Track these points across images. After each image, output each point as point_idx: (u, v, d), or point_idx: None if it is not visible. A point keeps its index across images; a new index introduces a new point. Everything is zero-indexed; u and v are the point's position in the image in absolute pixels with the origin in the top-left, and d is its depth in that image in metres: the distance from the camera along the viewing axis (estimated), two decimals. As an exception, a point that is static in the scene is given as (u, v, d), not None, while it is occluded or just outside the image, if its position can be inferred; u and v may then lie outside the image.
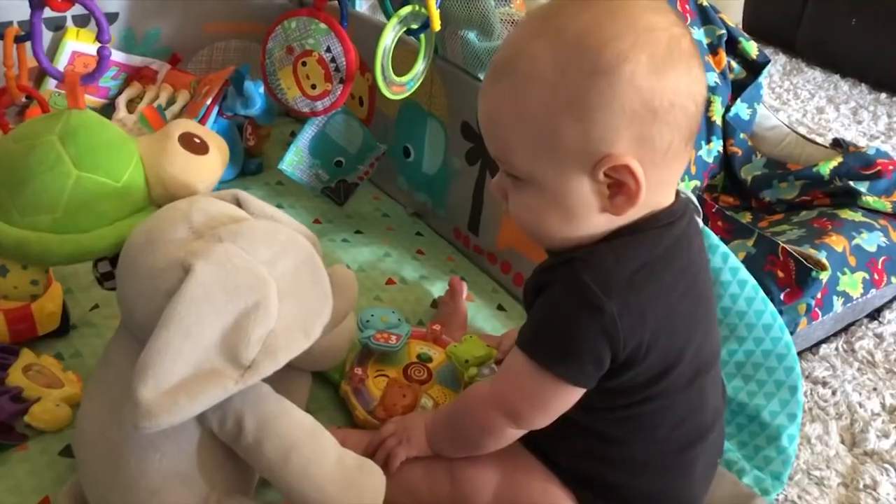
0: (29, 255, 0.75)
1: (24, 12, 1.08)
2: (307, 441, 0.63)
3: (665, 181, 0.63)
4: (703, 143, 1.45)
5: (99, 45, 0.76)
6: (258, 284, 0.60)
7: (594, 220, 0.63)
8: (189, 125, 0.78)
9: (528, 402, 0.66)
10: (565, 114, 0.58)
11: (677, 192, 0.67)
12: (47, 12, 0.80)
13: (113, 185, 0.71)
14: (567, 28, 0.59)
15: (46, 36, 1.21)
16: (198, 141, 0.76)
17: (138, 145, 0.75)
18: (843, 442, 1.01)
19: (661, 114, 0.58)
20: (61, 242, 0.71)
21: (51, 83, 1.20)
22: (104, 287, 0.77)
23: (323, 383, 0.90)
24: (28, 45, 0.91)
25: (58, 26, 1.22)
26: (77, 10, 0.81)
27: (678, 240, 0.65)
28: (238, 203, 0.70)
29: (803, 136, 1.49)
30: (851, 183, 1.32)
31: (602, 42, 0.57)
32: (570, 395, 0.64)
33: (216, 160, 0.78)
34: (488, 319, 1.06)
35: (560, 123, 0.59)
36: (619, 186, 0.60)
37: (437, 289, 1.10)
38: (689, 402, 0.68)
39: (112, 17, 1.30)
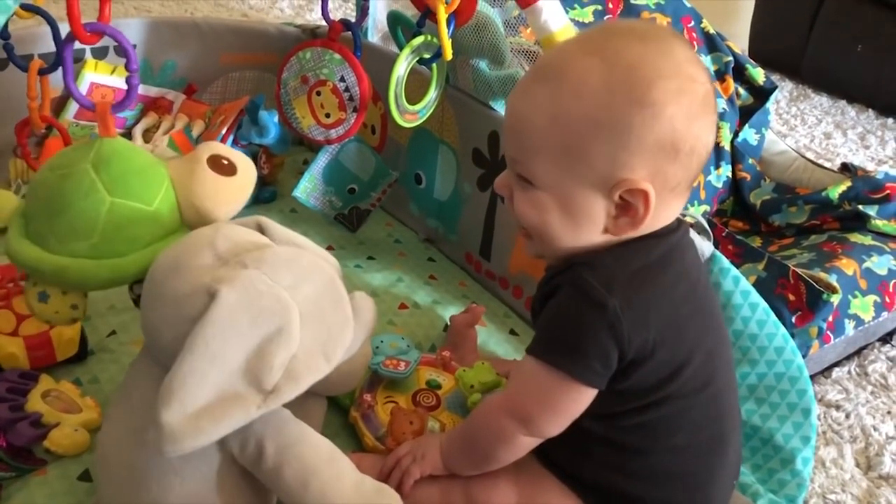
0: (68, 281, 0.76)
1: (45, 45, 1.12)
2: (326, 466, 0.64)
3: (664, 213, 0.68)
4: (712, 168, 1.47)
5: (127, 74, 0.77)
6: (282, 310, 0.61)
7: (595, 236, 0.67)
8: (216, 147, 0.79)
9: (538, 405, 0.67)
10: (602, 132, 0.63)
11: None
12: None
13: (145, 210, 0.73)
14: (623, 54, 0.63)
15: (65, 68, 1.24)
16: (226, 162, 0.78)
17: (168, 169, 0.76)
18: (858, 465, 1.00)
19: (682, 155, 0.63)
20: (98, 267, 0.72)
21: (69, 113, 1.22)
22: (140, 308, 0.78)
23: (334, 409, 0.90)
24: (49, 77, 0.93)
25: (76, 58, 1.24)
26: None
27: (672, 248, 0.69)
28: (261, 229, 0.71)
29: (812, 161, 1.50)
30: (861, 207, 1.32)
31: (654, 77, 0.62)
32: (580, 396, 0.65)
33: (245, 180, 0.80)
34: (500, 344, 1.07)
35: (593, 139, 0.63)
36: (625, 209, 0.65)
37: (450, 313, 1.10)
38: (706, 408, 0.69)
39: (129, 50, 1.33)
